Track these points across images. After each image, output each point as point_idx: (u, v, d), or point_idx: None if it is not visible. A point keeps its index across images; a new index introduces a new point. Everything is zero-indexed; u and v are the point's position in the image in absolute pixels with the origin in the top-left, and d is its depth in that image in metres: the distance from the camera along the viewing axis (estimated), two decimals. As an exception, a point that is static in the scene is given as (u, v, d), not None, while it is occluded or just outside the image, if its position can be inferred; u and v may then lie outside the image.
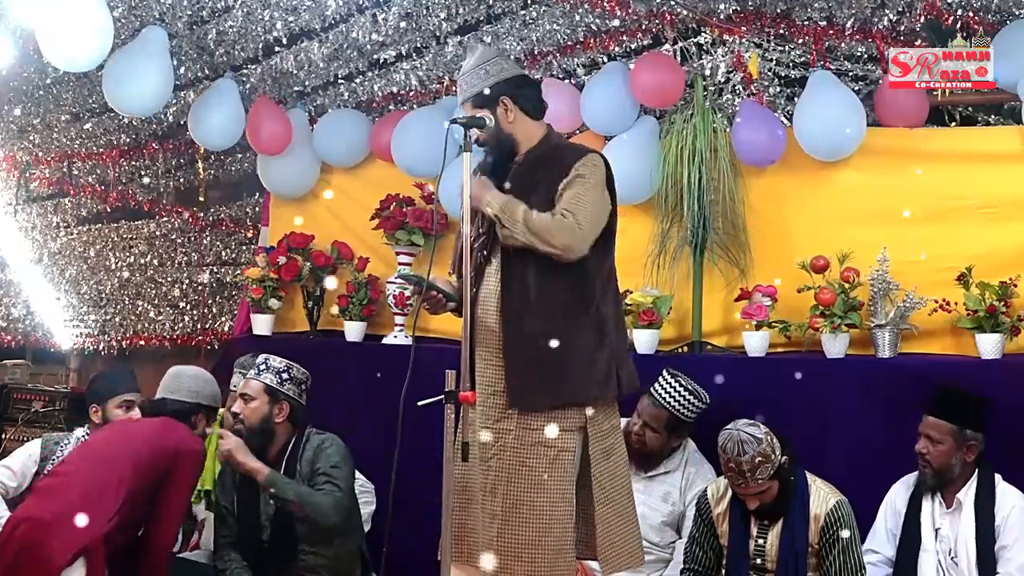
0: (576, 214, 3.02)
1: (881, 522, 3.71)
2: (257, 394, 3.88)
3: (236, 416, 3.87)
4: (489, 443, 3.08)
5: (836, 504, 3.49)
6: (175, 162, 5.70)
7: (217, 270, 5.69)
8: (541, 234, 3.02)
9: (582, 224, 3.02)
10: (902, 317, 4.04)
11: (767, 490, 3.46)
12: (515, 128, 3.18)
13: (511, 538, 3.05)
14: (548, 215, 3.04)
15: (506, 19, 4.50)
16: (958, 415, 3.53)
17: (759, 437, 3.42)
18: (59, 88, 5.17)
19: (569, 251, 3.02)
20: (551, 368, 3.06)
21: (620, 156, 4.32)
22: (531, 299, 3.09)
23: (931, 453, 3.54)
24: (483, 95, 3.17)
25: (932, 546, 3.55)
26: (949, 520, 3.56)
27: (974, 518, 3.50)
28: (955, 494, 3.56)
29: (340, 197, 5.18)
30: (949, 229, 4.16)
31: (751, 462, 3.39)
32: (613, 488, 3.17)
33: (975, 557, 3.46)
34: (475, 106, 3.17)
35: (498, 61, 3.23)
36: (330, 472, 3.76)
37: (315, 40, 4.66)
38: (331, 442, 3.86)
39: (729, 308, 4.39)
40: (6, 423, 5.36)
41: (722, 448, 3.45)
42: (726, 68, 4.41)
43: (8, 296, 6.20)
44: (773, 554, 3.52)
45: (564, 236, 3.01)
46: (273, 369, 3.91)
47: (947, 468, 3.54)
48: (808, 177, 4.33)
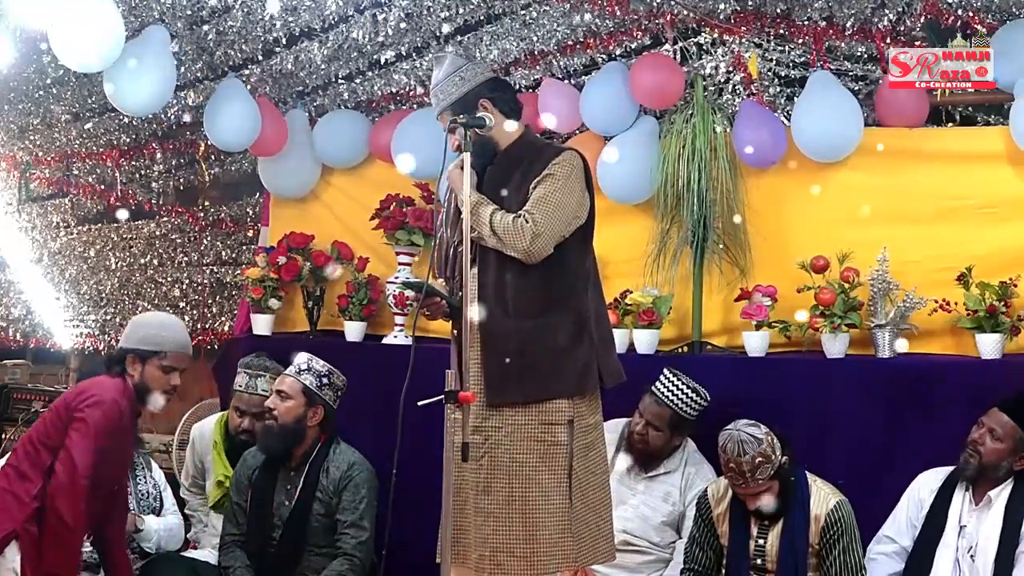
0: (537, 216, 3.06)
1: (903, 510, 3.69)
2: (294, 393, 3.87)
3: (270, 412, 3.87)
4: (479, 442, 3.10)
5: (837, 504, 3.49)
6: (175, 162, 5.70)
7: (217, 270, 5.69)
8: (503, 237, 3.08)
9: (540, 226, 3.06)
10: (902, 317, 4.04)
11: (767, 490, 3.46)
12: (494, 130, 3.22)
13: (506, 534, 3.07)
14: (511, 218, 3.08)
15: (506, 19, 4.49)
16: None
17: (759, 437, 3.42)
18: (59, 88, 5.16)
19: (527, 255, 3.07)
20: (526, 362, 3.10)
21: (620, 156, 4.33)
22: (508, 296, 3.13)
23: (986, 446, 3.49)
24: (462, 100, 3.22)
25: (953, 541, 3.53)
26: (976, 517, 3.53)
27: (1002, 518, 3.47)
28: (987, 491, 3.53)
29: (340, 197, 5.18)
30: (949, 229, 4.16)
31: (751, 462, 3.40)
32: (589, 484, 3.19)
33: (994, 556, 3.44)
34: (455, 113, 3.20)
35: (471, 67, 3.31)
36: (358, 508, 3.79)
37: (315, 40, 4.66)
38: (360, 469, 3.86)
39: (729, 308, 4.39)
40: (6, 423, 5.37)
41: (722, 448, 3.46)
42: (726, 68, 4.41)
43: (8, 296, 6.20)
44: (773, 554, 3.52)
45: (523, 240, 3.06)
46: (315, 372, 3.90)
47: (995, 466, 3.50)
48: (808, 177, 4.32)
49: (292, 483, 3.85)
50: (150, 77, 4.28)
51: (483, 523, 3.09)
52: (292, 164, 5.09)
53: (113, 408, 3.37)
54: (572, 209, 3.14)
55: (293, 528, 3.78)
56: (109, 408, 3.35)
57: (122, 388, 3.44)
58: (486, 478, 3.10)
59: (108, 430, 3.34)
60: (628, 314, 4.35)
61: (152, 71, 4.28)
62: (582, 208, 3.19)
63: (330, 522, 3.81)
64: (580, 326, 3.17)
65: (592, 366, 3.18)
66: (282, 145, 4.97)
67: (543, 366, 3.12)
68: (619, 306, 4.34)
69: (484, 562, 3.08)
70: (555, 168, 3.14)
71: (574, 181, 3.16)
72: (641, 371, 4.02)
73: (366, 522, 3.78)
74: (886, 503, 3.75)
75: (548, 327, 3.13)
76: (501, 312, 3.12)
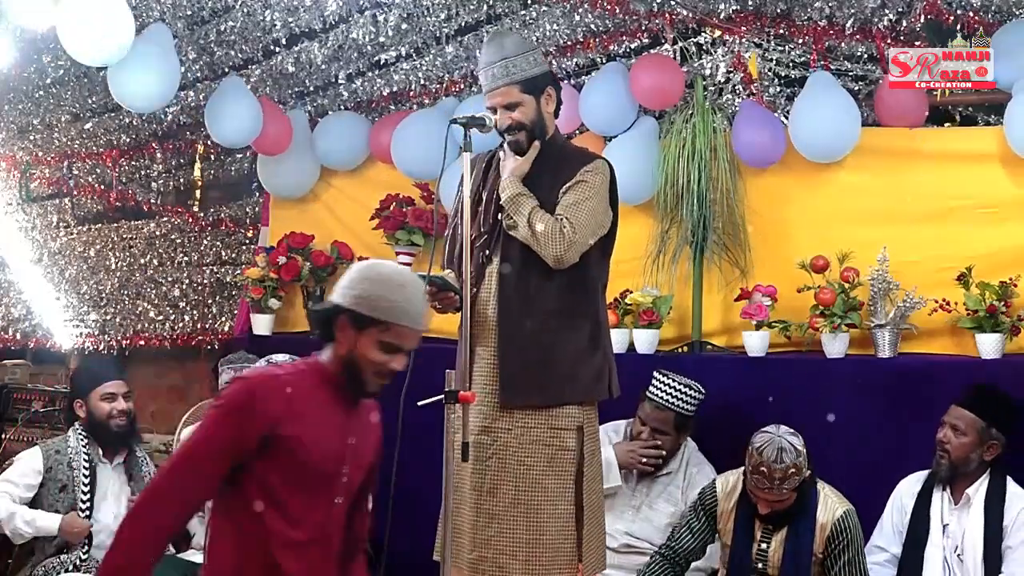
0: (574, 223, 3.05)
1: (888, 518, 3.71)
2: None
3: None
4: (487, 443, 3.09)
5: (844, 514, 3.45)
6: (175, 162, 5.70)
7: (217, 270, 5.68)
8: (539, 236, 3.04)
9: (577, 233, 3.05)
10: (902, 317, 4.03)
11: (785, 500, 3.41)
12: (548, 119, 3.22)
13: (510, 537, 3.06)
14: (552, 219, 3.06)
15: (506, 19, 4.49)
16: (988, 412, 3.52)
17: (798, 449, 3.37)
18: (59, 88, 5.16)
19: (559, 261, 3.06)
20: (544, 367, 3.09)
21: (620, 157, 4.31)
22: (529, 299, 3.10)
23: (952, 443, 3.53)
24: (536, 79, 3.18)
25: (939, 541, 3.55)
26: (957, 516, 3.55)
27: (983, 515, 3.49)
28: (965, 489, 3.55)
29: (340, 197, 5.19)
30: (949, 229, 4.16)
31: (784, 471, 3.33)
32: (595, 491, 3.20)
33: (982, 554, 3.46)
34: (522, 91, 3.16)
35: (539, 53, 3.29)
36: None
37: (315, 40, 4.66)
38: None
39: (729, 308, 4.39)
40: (6, 423, 5.36)
41: (758, 450, 3.37)
42: (726, 68, 4.40)
43: (8, 296, 6.20)
44: (776, 560, 3.48)
45: (559, 246, 3.04)
46: None
47: (964, 461, 3.52)
48: (808, 177, 4.33)
49: None
50: (155, 73, 4.28)
51: (486, 525, 3.09)
52: (292, 164, 5.09)
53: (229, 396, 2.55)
54: (599, 219, 3.15)
55: None
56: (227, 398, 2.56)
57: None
58: (492, 479, 3.09)
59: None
60: (628, 314, 4.35)
61: (157, 68, 4.28)
62: (607, 219, 3.19)
63: None
64: (596, 333, 3.17)
65: (604, 374, 3.18)
66: (286, 142, 4.96)
67: (561, 370, 3.10)
68: (619, 306, 4.34)
69: (485, 563, 3.07)
70: (588, 175, 3.14)
71: (604, 191, 3.17)
72: (641, 371, 4.02)
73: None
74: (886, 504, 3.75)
75: (569, 330, 3.12)
76: (521, 311, 3.11)
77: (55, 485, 3.96)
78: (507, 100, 3.14)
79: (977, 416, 3.53)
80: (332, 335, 2.59)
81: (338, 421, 2.63)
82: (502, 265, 3.14)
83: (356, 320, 2.54)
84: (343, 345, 2.58)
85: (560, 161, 3.19)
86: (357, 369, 2.58)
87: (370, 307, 2.53)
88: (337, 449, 2.62)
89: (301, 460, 2.52)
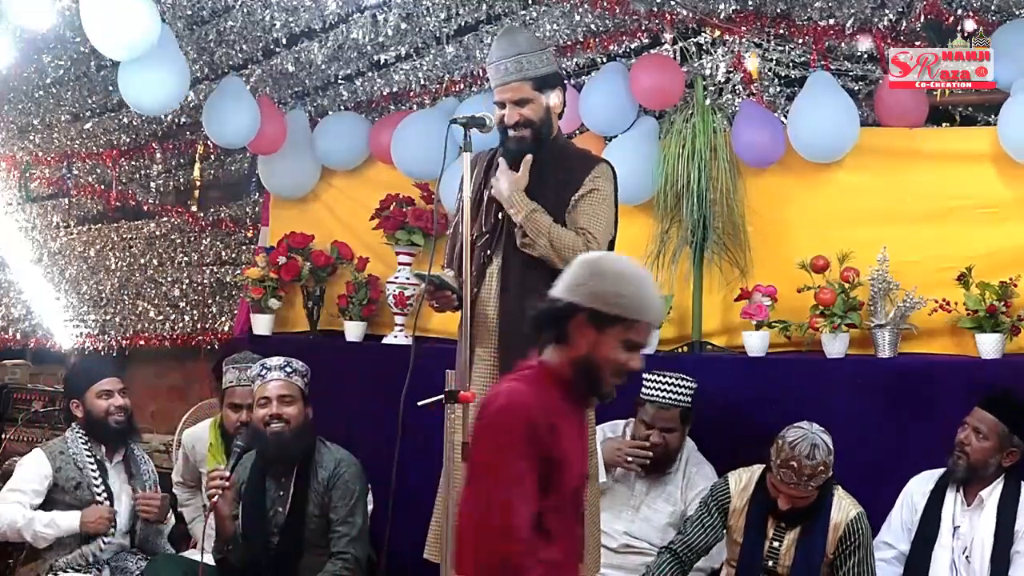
0: (596, 235, 3.09)
1: (897, 515, 3.70)
2: (296, 395, 3.74)
3: (278, 418, 3.69)
4: None
5: (856, 516, 3.44)
6: (175, 162, 5.70)
7: (217, 270, 5.68)
8: (562, 252, 3.06)
9: (600, 246, 3.10)
10: (902, 317, 4.04)
11: (808, 497, 3.39)
12: (554, 119, 3.23)
13: None
14: (572, 234, 3.09)
15: (506, 19, 4.50)
16: (1012, 418, 3.51)
17: (830, 448, 3.35)
18: (59, 88, 5.16)
19: None
20: None
21: (620, 157, 4.31)
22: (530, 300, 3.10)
23: (972, 446, 3.52)
24: (547, 78, 3.19)
25: (948, 542, 3.55)
26: (969, 518, 3.55)
27: (995, 518, 3.48)
28: (979, 492, 3.55)
29: (340, 197, 5.18)
30: (949, 229, 4.16)
31: (813, 469, 3.31)
32: (592, 491, 3.19)
33: (990, 557, 3.45)
34: (534, 88, 3.17)
35: (550, 52, 3.33)
36: (348, 505, 3.70)
37: (315, 40, 4.66)
38: (347, 465, 3.77)
39: (729, 308, 4.39)
40: (6, 423, 5.36)
41: (792, 444, 3.32)
42: (726, 68, 4.41)
43: (8, 296, 6.20)
44: (787, 559, 3.46)
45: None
46: (298, 371, 3.77)
47: (982, 465, 3.52)
48: (808, 177, 4.33)
49: (284, 487, 3.78)
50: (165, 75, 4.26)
51: None
52: (292, 164, 5.09)
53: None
54: (612, 226, 3.20)
55: (291, 531, 3.74)
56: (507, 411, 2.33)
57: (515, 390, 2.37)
58: None
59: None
60: (628, 314, 4.34)
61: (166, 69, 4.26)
62: (614, 224, 3.25)
63: (325, 521, 3.77)
64: None
65: None
66: (280, 143, 4.96)
67: None
68: (619, 306, 4.33)
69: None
70: (598, 182, 3.17)
71: (614, 197, 3.20)
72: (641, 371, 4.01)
73: (357, 517, 3.73)
74: (886, 503, 3.76)
75: None
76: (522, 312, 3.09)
77: (69, 483, 3.93)
78: (518, 96, 3.15)
79: (1001, 421, 3.50)
80: (565, 336, 2.38)
81: (577, 431, 2.45)
82: (502, 266, 3.14)
83: (597, 319, 2.34)
84: (580, 346, 2.36)
85: (564, 163, 3.20)
86: (596, 370, 2.38)
87: (612, 304, 2.34)
88: (581, 460, 2.46)
89: (562, 478, 2.33)
